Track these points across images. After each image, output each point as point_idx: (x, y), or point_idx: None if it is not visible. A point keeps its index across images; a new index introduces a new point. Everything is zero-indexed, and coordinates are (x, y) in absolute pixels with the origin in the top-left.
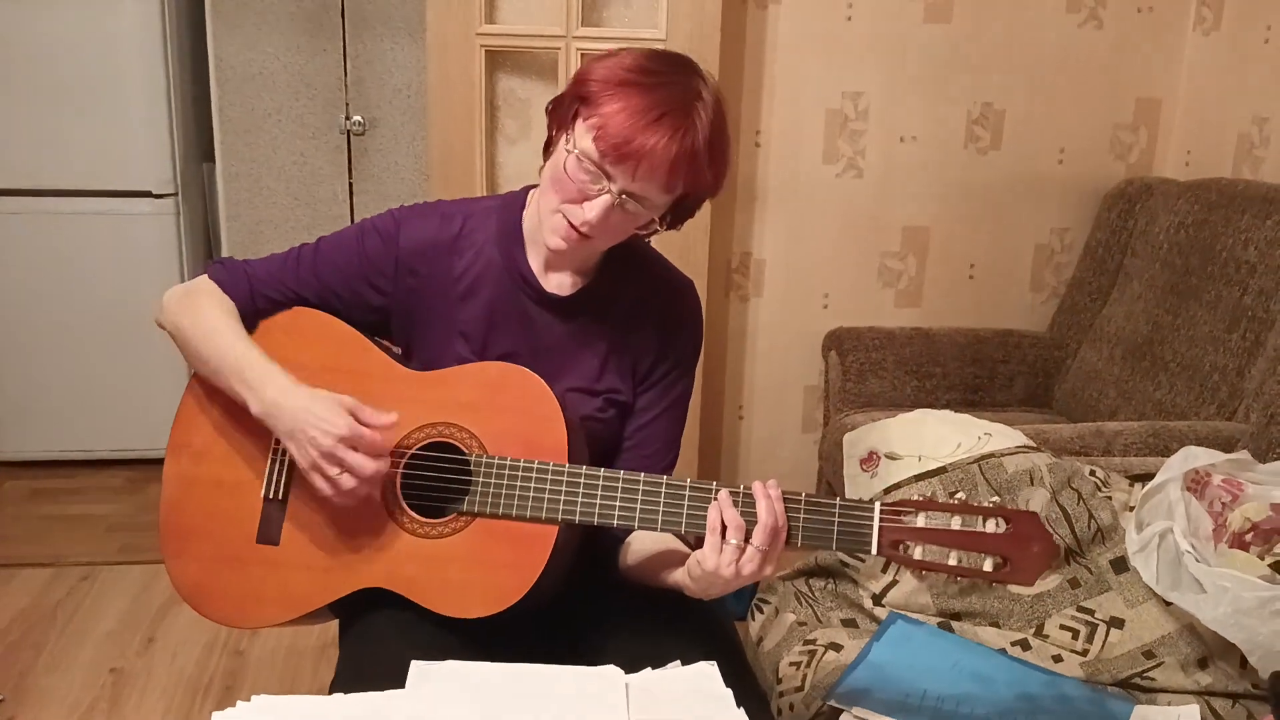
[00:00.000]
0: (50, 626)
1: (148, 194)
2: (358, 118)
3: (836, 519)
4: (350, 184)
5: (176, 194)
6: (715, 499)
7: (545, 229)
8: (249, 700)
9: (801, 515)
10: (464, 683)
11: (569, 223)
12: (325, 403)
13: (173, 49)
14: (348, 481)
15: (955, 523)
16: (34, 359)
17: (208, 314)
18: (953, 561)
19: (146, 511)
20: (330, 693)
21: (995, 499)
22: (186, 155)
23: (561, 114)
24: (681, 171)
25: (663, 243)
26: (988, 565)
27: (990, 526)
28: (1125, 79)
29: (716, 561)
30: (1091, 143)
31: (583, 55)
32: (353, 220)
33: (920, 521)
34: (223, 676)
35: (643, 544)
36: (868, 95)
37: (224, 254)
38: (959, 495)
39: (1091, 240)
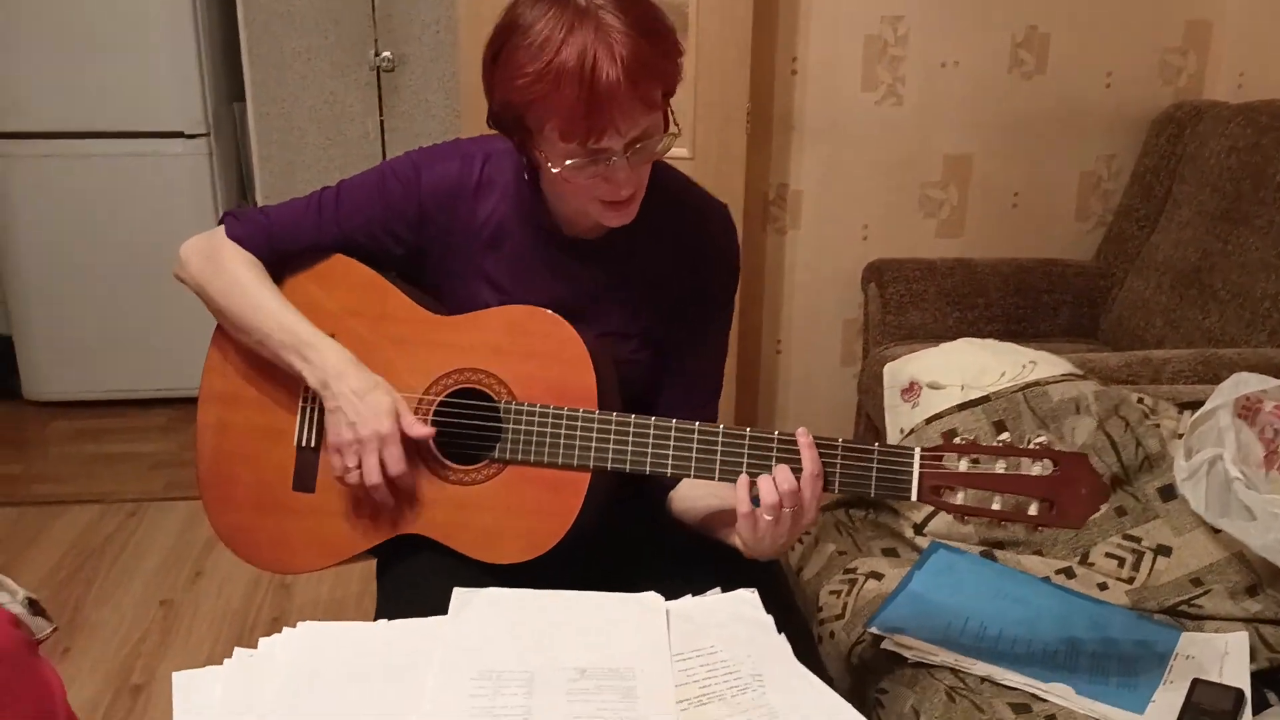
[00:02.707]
0: (100, 561)
1: (180, 134)
2: (387, 54)
3: (875, 465)
4: (381, 121)
5: (208, 134)
6: (747, 474)
7: (598, 217)
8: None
9: (839, 461)
10: (506, 608)
11: (616, 203)
12: (377, 395)
13: None
14: (352, 480)
15: (999, 466)
16: (74, 301)
17: (240, 280)
18: (996, 506)
19: (190, 449)
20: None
21: (1041, 430)
22: (217, 95)
23: (513, 133)
24: (648, 84)
25: (698, 175)
26: (1033, 509)
27: (1036, 469)
28: (1175, 0)
29: (750, 532)
30: (1139, 67)
31: None
32: (384, 158)
33: (963, 466)
34: (269, 608)
35: (694, 493)
36: (908, 19)
37: (258, 192)
38: (1004, 436)
39: (1139, 167)
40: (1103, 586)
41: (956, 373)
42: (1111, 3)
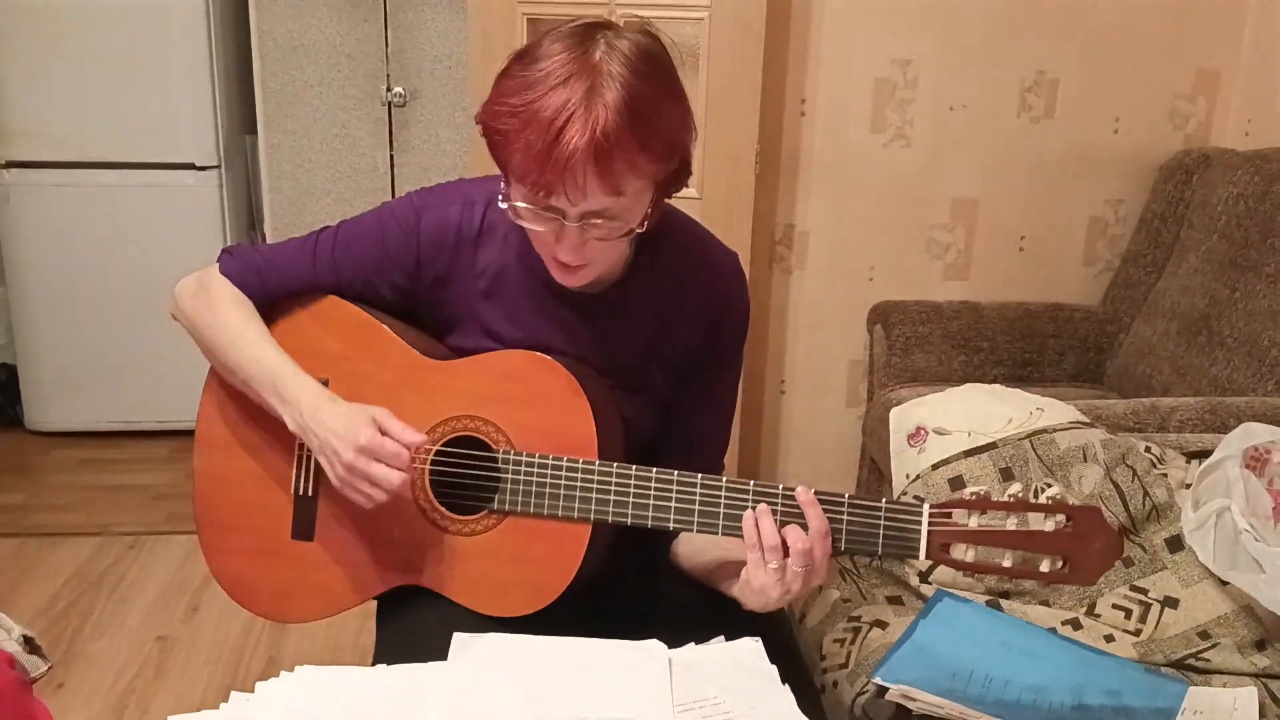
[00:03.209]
0: (97, 594)
1: (191, 166)
2: (399, 89)
3: (883, 523)
4: (391, 156)
5: (220, 166)
6: (753, 509)
7: (550, 269)
8: (292, 670)
9: (845, 518)
10: (506, 654)
11: (561, 263)
12: (352, 416)
13: (215, 21)
14: (377, 494)
15: (1011, 521)
16: (80, 330)
17: (228, 318)
18: (1007, 563)
19: (191, 481)
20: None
21: (1048, 478)
22: (230, 127)
23: (494, 158)
24: (615, 167)
25: (705, 215)
26: (1045, 565)
27: (1049, 524)
28: (1184, 48)
29: (763, 579)
30: (1148, 113)
31: (625, 24)
32: (393, 193)
33: (973, 523)
34: (266, 645)
35: (698, 545)
36: (917, 63)
37: (267, 224)
38: (1015, 489)
39: (1147, 212)
40: (1109, 638)
41: (963, 419)
42: (1121, 49)
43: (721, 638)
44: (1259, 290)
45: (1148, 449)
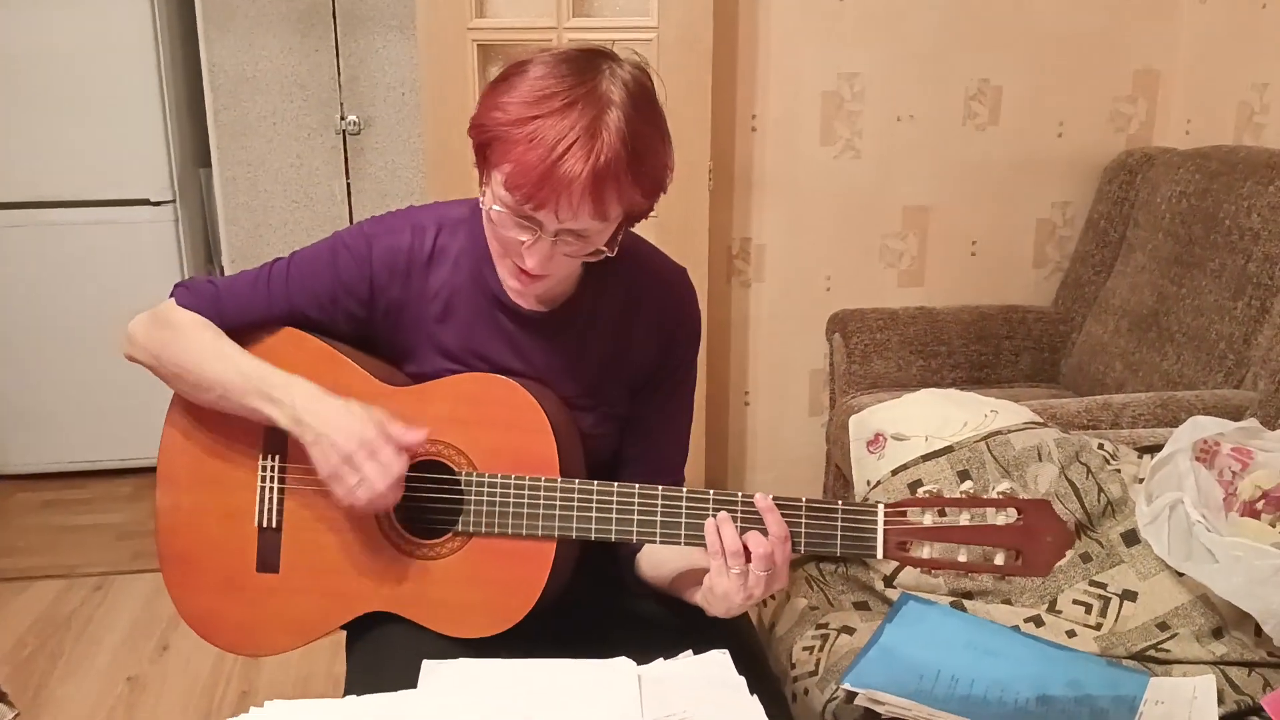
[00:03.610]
0: (65, 636)
1: (146, 202)
2: (353, 117)
3: (839, 524)
4: (348, 184)
5: (174, 200)
6: (714, 517)
7: (501, 272)
8: (262, 705)
9: (803, 521)
10: (476, 679)
11: (518, 268)
12: (354, 411)
13: (165, 55)
14: (363, 493)
15: (964, 518)
16: (39, 371)
17: (196, 339)
18: (963, 558)
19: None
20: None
21: (1004, 478)
22: (183, 161)
23: (478, 157)
24: (608, 196)
25: (662, 232)
26: (999, 558)
27: (1001, 518)
28: (1123, 51)
29: (726, 585)
30: (1090, 116)
31: (624, 57)
32: (351, 220)
33: (927, 520)
34: (239, 679)
35: (662, 557)
36: (864, 76)
37: (224, 257)
38: (966, 486)
39: (1093, 213)
40: (1071, 634)
41: (920, 424)
42: (1061, 54)
43: (690, 652)
44: (1204, 285)
45: (1101, 446)
